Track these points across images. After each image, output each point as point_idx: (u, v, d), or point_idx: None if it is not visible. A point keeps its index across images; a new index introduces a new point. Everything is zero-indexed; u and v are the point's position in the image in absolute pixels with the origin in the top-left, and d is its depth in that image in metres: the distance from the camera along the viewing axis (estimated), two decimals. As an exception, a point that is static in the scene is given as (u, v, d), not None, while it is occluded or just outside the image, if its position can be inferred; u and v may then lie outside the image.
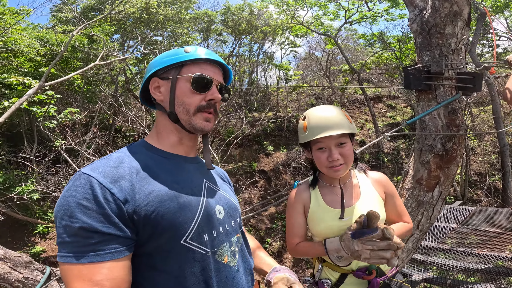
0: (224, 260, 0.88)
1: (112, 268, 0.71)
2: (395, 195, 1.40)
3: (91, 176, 0.75)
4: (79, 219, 0.70)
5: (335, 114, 1.28)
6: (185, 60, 0.91)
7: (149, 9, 10.59)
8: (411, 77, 2.09)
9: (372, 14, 10.58)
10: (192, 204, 0.84)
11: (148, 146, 0.93)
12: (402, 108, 13.84)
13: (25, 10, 7.07)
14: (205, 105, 0.92)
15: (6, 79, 6.02)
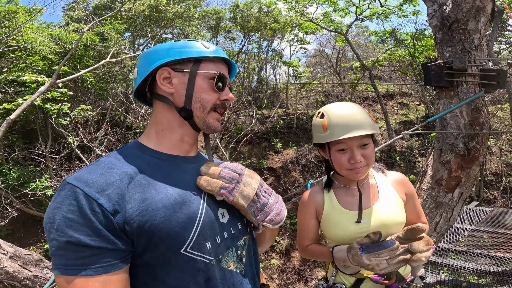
0: (230, 267, 0.83)
1: (107, 282, 0.67)
2: (414, 196, 1.34)
3: (75, 186, 0.69)
4: (65, 233, 0.66)
5: (358, 113, 1.19)
6: (205, 56, 0.87)
7: (159, 6, 10.65)
8: (432, 74, 2.01)
9: (384, 11, 10.35)
10: (191, 211, 0.78)
11: (142, 147, 0.85)
12: (416, 106, 13.54)
13: (37, 8, 7.19)
14: (220, 105, 0.89)
15: (20, 77, 6.14)
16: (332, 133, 1.17)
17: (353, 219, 1.21)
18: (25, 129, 8.09)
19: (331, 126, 1.18)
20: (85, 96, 9.16)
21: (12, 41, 6.61)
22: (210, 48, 0.90)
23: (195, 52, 0.87)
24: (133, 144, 0.87)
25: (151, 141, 0.87)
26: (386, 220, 1.21)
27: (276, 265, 7.90)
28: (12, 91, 6.21)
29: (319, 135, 1.23)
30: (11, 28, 6.35)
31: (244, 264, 0.89)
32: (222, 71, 0.90)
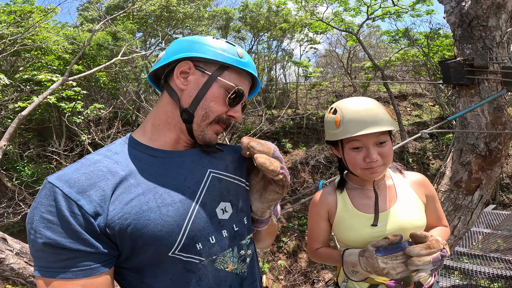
0: (228, 267, 0.78)
1: (87, 285, 0.64)
2: (435, 197, 1.25)
3: (55, 186, 0.65)
4: (42, 234, 0.63)
5: (375, 107, 1.09)
6: (235, 65, 0.80)
7: (169, 7, 10.75)
8: (451, 71, 1.95)
9: (396, 10, 10.16)
10: (180, 212, 0.71)
11: (134, 143, 0.78)
12: (430, 106, 13.26)
13: (52, 8, 7.35)
14: (224, 119, 0.82)
15: (36, 76, 6.29)
16: (346, 130, 1.08)
17: (368, 222, 1.14)
18: (40, 127, 8.29)
19: (344, 122, 1.09)
20: (98, 95, 9.32)
21: (27, 40, 6.77)
22: (243, 58, 0.83)
23: (224, 56, 0.80)
24: (125, 139, 0.80)
25: (145, 135, 0.80)
26: (404, 223, 1.13)
27: (283, 266, 7.85)
28: (28, 89, 6.37)
29: (331, 132, 1.14)
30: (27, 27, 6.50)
31: (248, 265, 0.83)
32: (243, 86, 0.83)
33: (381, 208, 1.16)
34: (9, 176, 6.84)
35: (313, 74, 14.48)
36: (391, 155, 1.11)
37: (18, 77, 6.44)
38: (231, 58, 0.80)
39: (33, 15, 7.03)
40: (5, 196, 6.45)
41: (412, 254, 0.95)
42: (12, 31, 6.29)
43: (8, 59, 7.53)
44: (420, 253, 0.95)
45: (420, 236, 0.99)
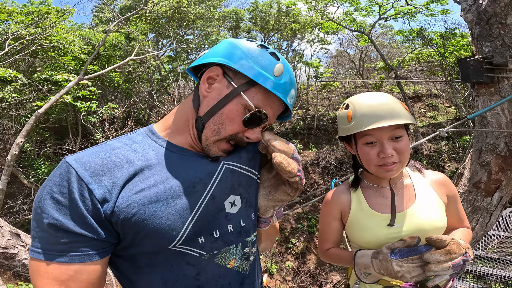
0: (229, 264, 0.75)
1: (81, 271, 0.64)
2: (457, 198, 1.19)
3: (71, 166, 0.65)
4: (49, 214, 0.63)
5: (389, 101, 1.04)
6: (264, 85, 0.73)
7: (180, 8, 10.88)
8: (470, 69, 1.90)
9: (410, 10, 9.97)
10: (187, 205, 0.70)
11: (154, 134, 0.78)
12: (445, 107, 12.96)
13: (68, 9, 7.55)
14: (238, 138, 0.77)
15: (53, 76, 6.47)
16: (357, 123, 1.03)
17: (384, 223, 1.09)
18: (57, 126, 8.52)
19: (356, 116, 1.04)
20: (112, 95, 9.52)
21: (45, 41, 6.97)
22: (279, 78, 0.75)
23: (255, 71, 0.73)
24: (146, 129, 0.80)
25: (165, 130, 0.79)
26: (423, 224, 1.07)
27: (291, 267, 7.81)
28: (45, 89, 6.56)
29: (343, 127, 1.10)
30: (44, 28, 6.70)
31: (251, 264, 0.80)
32: (270, 111, 0.76)
33: (398, 208, 1.10)
34: (26, 173, 7.05)
35: (324, 74, 14.38)
36: (407, 151, 1.05)
37: (36, 77, 6.64)
38: (264, 75, 0.73)
39: (50, 16, 7.22)
40: (21, 193, 6.65)
41: (430, 260, 0.89)
42: (29, 32, 6.47)
43: (26, 59, 7.78)
44: (439, 260, 0.89)
45: (436, 241, 0.93)
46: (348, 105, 1.10)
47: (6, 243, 1.70)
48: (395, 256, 0.93)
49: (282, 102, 0.79)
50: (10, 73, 5.33)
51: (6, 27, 6.80)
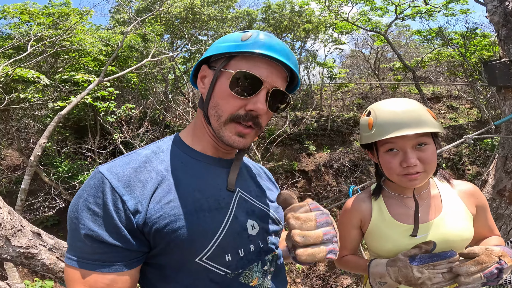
0: (252, 282, 0.76)
1: (116, 280, 0.65)
2: (487, 208, 1.14)
3: (105, 178, 0.66)
4: (85, 225, 0.64)
5: (413, 107, 0.99)
6: (234, 50, 0.72)
7: (194, 9, 11.01)
8: (497, 72, 1.82)
9: (428, 9, 9.66)
10: (215, 220, 0.72)
11: (180, 143, 0.80)
12: (466, 109, 12.51)
13: (87, 10, 7.77)
14: (242, 116, 0.73)
15: (73, 77, 6.69)
16: (379, 131, 1.00)
17: (407, 233, 1.05)
18: (77, 126, 8.80)
19: (377, 123, 1.01)
20: (130, 95, 9.75)
21: (66, 42, 7.20)
22: (247, 40, 0.73)
23: (225, 46, 0.74)
24: (173, 138, 0.82)
25: (188, 137, 0.81)
26: (449, 235, 1.04)
27: (301, 269, 7.74)
28: (67, 89, 6.80)
29: (364, 135, 1.07)
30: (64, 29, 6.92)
31: (270, 281, 0.81)
32: (259, 71, 0.71)
33: (423, 218, 1.06)
34: (47, 171, 7.32)
35: (338, 75, 14.19)
36: (433, 161, 0.99)
37: (58, 78, 6.89)
38: (232, 45, 0.73)
39: (70, 17, 7.46)
40: (42, 190, 6.89)
41: (460, 272, 0.87)
42: (51, 33, 6.70)
43: (48, 61, 8.07)
44: (469, 271, 0.86)
45: (470, 254, 0.91)
46: (370, 112, 1.07)
47: (28, 243, 1.74)
48: (415, 262, 0.90)
49: (279, 62, 0.73)
50: (33, 74, 5.55)
51: (28, 28, 7.06)
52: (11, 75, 5.42)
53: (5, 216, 1.73)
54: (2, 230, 1.69)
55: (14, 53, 6.50)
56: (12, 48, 6.58)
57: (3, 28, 7.49)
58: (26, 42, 6.14)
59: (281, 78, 0.76)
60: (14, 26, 7.31)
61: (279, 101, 0.77)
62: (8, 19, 7.18)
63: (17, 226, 1.77)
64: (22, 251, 1.73)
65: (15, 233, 1.74)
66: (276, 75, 0.74)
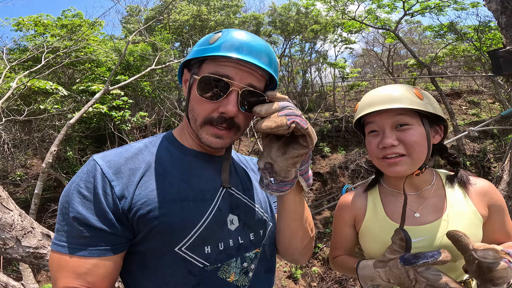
0: (229, 278, 0.76)
1: (98, 265, 0.67)
2: (503, 209, 1.00)
3: (98, 164, 0.70)
4: (75, 208, 0.67)
5: (395, 88, 0.95)
6: (200, 55, 0.74)
7: (201, 16, 11.23)
8: (502, 61, 1.74)
9: (437, 4, 9.35)
10: (199, 210, 0.74)
11: (171, 138, 0.84)
12: (489, 104, 11.93)
13: (98, 22, 8.07)
14: (215, 118, 0.74)
15: (89, 87, 6.98)
16: (359, 110, 0.98)
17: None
18: (96, 134, 9.15)
19: (360, 104, 0.99)
20: (144, 104, 10.05)
21: (80, 53, 7.51)
22: (214, 42, 0.73)
23: (196, 51, 0.77)
24: (167, 134, 0.87)
25: (178, 134, 0.86)
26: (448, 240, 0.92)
27: (317, 273, 7.59)
28: (84, 100, 7.10)
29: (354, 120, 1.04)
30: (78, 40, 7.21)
31: (250, 279, 0.80)
32: (226, 71, 0.72)
33: (421, 220, 0.96)
34: (69, 178, 7.65)
35: (351, 75, 13.98)
36: (416, 143, 0.89)
37: (75, 88, 7.20)
38: (200, 49, 0.75)
39: (82, 28, 7.75)
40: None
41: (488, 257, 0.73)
42: (65, 44, 6.99)
43: (65, 72, 8.46)
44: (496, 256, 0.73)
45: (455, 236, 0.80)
46: None
47: (37, 243, 1.83)
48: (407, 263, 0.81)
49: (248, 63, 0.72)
50: (51, 85, 5.84)
51: (43, 40, 7.38)
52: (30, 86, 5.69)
53: (16, 218, 1.84)
54: (13, 231, 1.79)
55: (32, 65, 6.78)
56: (30, 60, 6.88)
57: (19, 40, 7.82)
58: (41, 54, 6.41)
59: (255, 76, 0.75)
60: (30, 38, 7.65)
61: (252, 100, 0.75)
62: (24, 31, 7.52)
63: (27, 228, 1.88)
64: (32, 251, 1.82)
65: (25, 234, 1.84)
66: (247, 74, 0.73)
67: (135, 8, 12.21)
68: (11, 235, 1.77)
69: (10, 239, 1.77)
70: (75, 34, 7.37)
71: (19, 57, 6.89)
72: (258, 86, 0.76)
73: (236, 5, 13.18)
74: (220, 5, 12.68)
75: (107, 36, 10.94)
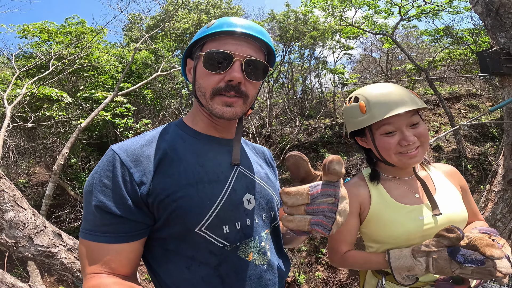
0: (248, 257, 0.78)
1: (120, 251, 0.70)
2: (468, 190, 1.15)
3: (116, 153, 0.73)
4: (96, 197, 0.69)
5: (398, 89, 1.02)
6: (204, 35, 0.81)
7: (201, 23, 11.35)
8: (488, 61, 1.84)
9: (432, 8, 9.52)
10: (214, 191, 0.76)
11: (182, 125, 0.87)
12: (488, 107, 12.02)
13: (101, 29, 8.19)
14: (223, 87, 0.78)
15: (93, 94, 7.10)
16: (374, 114, 0.99)
17: (411, 215, 1.01)
18: (99, 142, 9.24)
19: (371, 106, 1.00)
20: (146, 111, 10.17)
21: (84, 61, 7.61)
22: (213, 25, 0.81)
23: (195, 36, 0.84)
24: (177, 121, 0.90)
25: (189, 120, 0.89)
26: (452, 215, 1.02)
27: (321, 278, 7.56)
28: (88, 107, 7.20)
29: (356, 120, 1.04)
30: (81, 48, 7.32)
31: (269, 259, 0.82)
32: (227, 47, 0.78)
33: (420, 199, 1.04)
34: (72, 185, 7.70)
35: (350, 80, 14.11)
36: (427, 134, 1.02)
37: (79, 96, 7.30)
38: (199, 33, 0.83)
39: (86, 36, 7.85)
40: (68, 203, 7.25)
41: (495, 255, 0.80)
42: (70, 52, 7.08)
43: (70, 79, 8.54)
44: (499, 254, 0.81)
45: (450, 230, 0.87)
46: (357, 98, 1.07)
47: (48, 242, 1.86)
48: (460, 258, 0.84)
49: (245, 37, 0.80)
50: (56, 92, 5.94)
51: (48, 47, 7.47)
52: (36, 93, 5.77)
53: (29, 216, 1.90)
54: (26, 230, 1.84)
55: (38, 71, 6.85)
56: (35, 67, 6.98)
57: (25, 47, 7.89)
58: (48, 61, 6.50)
59: (254, 49, 0.82)
60: (35, 45, 7.74)
61: (258, 70, 0.82)
62: (29, 38, 7.62)
63: (40, 226, 1.93)
64: (43, 249, 1.86)
65: (38, 233, 1.90)
66: (246, 47, 0.80)
67: (137, 16, 12.44)
68: (23, 234, 1.82)
69: (23, 238, 1.82)
70: (80, 42, 7.47)
71: (25, 64, 6.97)
72: (257, 57, 0.83)
73: (235, 13, 13.39)
74: (220, 13, 12.88)
75: (109, 44, 11.10)
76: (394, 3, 9.80)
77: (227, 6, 13.41)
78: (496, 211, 1.93)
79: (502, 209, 1.92)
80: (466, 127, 2.13)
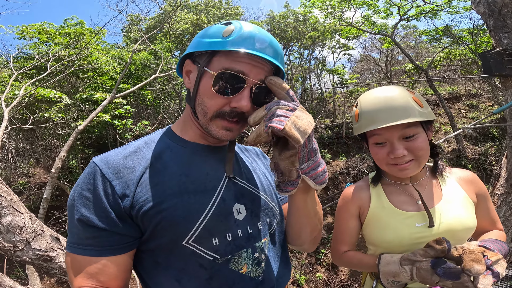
0: (242, 269, 0.75)
1: (108, 265, 0.68)
2: (488, 197, 1.09)
3: (97, 165, 0.71)
4: (78, 210, 0.68)
5: (397, 96, 0.96)
6: (215, 48, 0.73)
7: (201, 24, 11.34)
8: (491, 62, 1.82)
9: (431, 8, 9.51)
10: (201, 202, 0.73)
11: (170, 133, 0.83)
12: (488, 107, 12.03)
13: (100, 30, 8.17)
14: (227, 112, 0.74)
15: (92, 96, 7.08)
16: (364, 123, 0.99)
17: (408, 221, 1.01)
18: (98, 143, 9.22)
19: (362, 115, 1.01)
20: (145, 112, 10.15)
21: (83, 62, 7.60)
22: (230, 37, 0.72)
23: (207, 43, 0.74)
24: (165, 129, 0.86)
25: (178, 128, 0.85)
26: (453, 223, 0.99)
27: (321, 279, 7.54)
28: (87, 108, 7.18)
29: (354, 127, 1.06)
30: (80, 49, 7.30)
31: (263, 270, 0.79)
32: (241, 67, 0.72)
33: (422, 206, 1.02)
34: (72, 187, 7.68)
35: (350, 81, 14.10)
36: (423, 149, 0.97)
37: (78, 97, 7.28)
38: (213, 42, 0.73)
39: (85, 37, 7.84)
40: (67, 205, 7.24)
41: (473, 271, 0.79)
42: (68, 53, 7.05)
43: (68, 80, 8.53)
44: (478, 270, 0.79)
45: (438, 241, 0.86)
46: (357, 103, 1.07)
47: (46, 246, 1.85)
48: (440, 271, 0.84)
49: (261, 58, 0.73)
50: (55, 93, 5.92)
51: (47, 48, 7.45)
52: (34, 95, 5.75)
53: (26, 221, 1.88)
54: (23, 234, 1.83)
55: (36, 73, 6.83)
56: (34, 68, 6.95)
57: (23, 48, 7.86)
58: (46, 62, 6.48)
59: (265, 72, 0.76)
60: (34, 46, 7.72)
61: (264, 96, 0.77)
62: (28, 39, 7.59)
63: (37, 231, 1.91)
64: (41, 253, 1.85)
65: (35, 237, 1.88)
66: (259, 69, 0.74)
67: (136, 17, 12.42)
68: (21, 238, 1.81)
69: (20, 242, 1.81)
70: (78, 43, 7.46)
71: (23, 65, 6.95)
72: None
73: (235, 14, 13.38)
74: (220, 14, 12.88)
75: (108, 45, 11.07)
76: (393, 3, 9.80)
77: (226, 7, 13.41)
78: (499, 214, 1.91)
79: (505, 212, 1.91)
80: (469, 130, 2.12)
